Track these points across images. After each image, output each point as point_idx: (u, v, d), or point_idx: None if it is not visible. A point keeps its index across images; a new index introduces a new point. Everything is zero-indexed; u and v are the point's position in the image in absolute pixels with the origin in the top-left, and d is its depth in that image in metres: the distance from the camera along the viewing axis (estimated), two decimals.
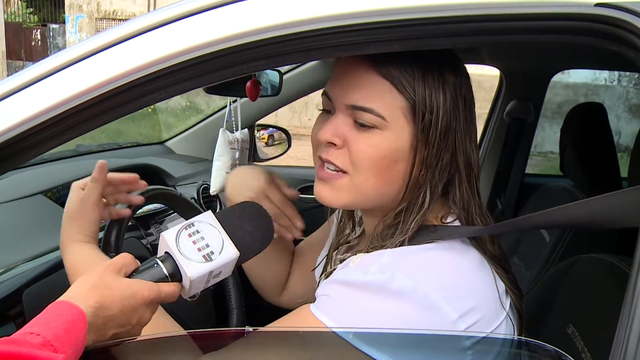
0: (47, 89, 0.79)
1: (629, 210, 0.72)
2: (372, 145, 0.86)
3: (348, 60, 0.89)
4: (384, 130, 0.86)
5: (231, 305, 1.36)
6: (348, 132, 0.88)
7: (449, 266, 0.84)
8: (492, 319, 0.85)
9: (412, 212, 0.88)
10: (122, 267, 0.80)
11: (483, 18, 0.75)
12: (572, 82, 9.27)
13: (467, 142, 0.90)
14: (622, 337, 0.65)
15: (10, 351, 0.61)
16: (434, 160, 0.87)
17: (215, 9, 0.79)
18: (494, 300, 0.86)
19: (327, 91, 0.92)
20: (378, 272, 0.81)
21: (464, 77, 0.90)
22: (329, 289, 0.85)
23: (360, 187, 0.89)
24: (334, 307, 0.82)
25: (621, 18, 0.70)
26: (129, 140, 6.10)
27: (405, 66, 0.85)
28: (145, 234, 1.57)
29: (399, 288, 0.79)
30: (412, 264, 0.83)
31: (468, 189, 0.90)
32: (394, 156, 0.87)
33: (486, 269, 0.87)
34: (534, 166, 6.29)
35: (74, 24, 16.24)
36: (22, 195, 1.46)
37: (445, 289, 0.81)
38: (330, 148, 0.89)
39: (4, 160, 0.81)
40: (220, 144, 1.70)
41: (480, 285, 0.85)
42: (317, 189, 0.93)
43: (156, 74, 0.78)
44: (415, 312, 0.79)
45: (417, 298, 0.79)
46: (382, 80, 0.86)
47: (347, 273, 0.85)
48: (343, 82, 0.89)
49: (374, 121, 0.86)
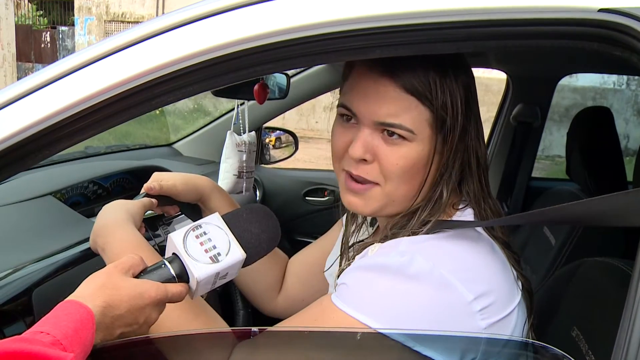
0: (58, 92, 0.80)
1: (631, 210, 0.73)
2: (403, 157, 0.90)
3: (365, 72, 0.91)
4: (412, 142, 0.90)
5: (237, 307, 1.36)
6: (377, 146, 0.91)
7: (465, 251, 0.88)
8: (507, 302, 0.88)
9: (428, 206, 0.93)
10: (130, 267, 0.81)
11: (487, 23, 0.76)
12: (580, 86, 9.24)
13: (477, 138, 0.94)
14: (623, 339, 0.66)
15: (23, 349, 0.62)
16: (451, 160, 0.92)
17: (223, 14, 0.80)
18: (508, 284, 0.90)
19: (348, 105, 0.93)
20: (397, 256, 0.85)
21: (471, 78, 0.94)
22: (348, 276, 0.88)
23: (390, 195, 0.93)
24: (353, 293, 0.85)
25: (624, 23, 0.71)
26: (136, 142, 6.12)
27: (424, 76, 0.88)
28: (153, 235, 1.58)
29: (417, 270, 0.83)
30: (430, 248, 0.87)
31: (479, 182, 0.95)
32: (421, 162, 0.91)
33: (498, 254, 0.91)
34: (541, 170, 6.28)
35: (83, 26, 16.31)
36: (32, 196, 1.47)
37: (461, 271, 0.85)
38: (360, 164, 0.92)
39: (15, 162, 0.82)
40: (227, 147, 1.70)
41: (494, 269, 0.89)
42: (348, 199, 0.96)
43: (165, 77, 0.79)
44: (432, 292, 0.83)
45: (434, 279, 0.83)
46: (408, 97, 0.89)
47: (366, 260, 0.89)
48: (367, 97, 0.90)
49: (403, 134, 0.89)
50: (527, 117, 2.43)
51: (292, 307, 1.15)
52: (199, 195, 1.26)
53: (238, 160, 1.71)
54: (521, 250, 2.10)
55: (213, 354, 0.90)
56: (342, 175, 0.96)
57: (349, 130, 0.93)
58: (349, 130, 0.93)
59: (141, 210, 1.12)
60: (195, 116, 9.92)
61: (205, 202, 1.26)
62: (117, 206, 1.10)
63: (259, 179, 2.27)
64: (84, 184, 1.67)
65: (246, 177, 1.74)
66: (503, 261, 0.91)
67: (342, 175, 0.96)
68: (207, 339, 0.91)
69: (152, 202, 1.18)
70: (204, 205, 1.27)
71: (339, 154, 0.96)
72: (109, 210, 1.09)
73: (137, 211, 1.11)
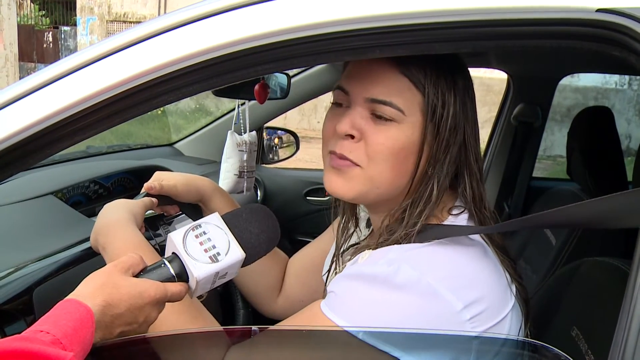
0: (60, 91, 0.80)
1: (630, 211, 0.73)
2: (390, 137, 0.88)
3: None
4: (401, 124, 0.88)
5: (237, 306, 1.37)
6: (366, 124, 0.89)
7: (455, 258, 0.86)
8: (499, 309, 0.87)
9: (419, 205, 0.91)
10: (130, 266, 0.81)
11: (485, 23, 0.76)
12: (582, 86, 9.23)
13: (474, 140, 0.94)
14: (621, 337, 0.66)
15: (23, 348, 0.63)
16: (442, 154, 0.90)
17: (224, 13, 0.80)
18: (501, 291, 0.88)
19: (342, 85, 0.93)
20: (385, 265, 0.84)
21: (469, 82, 0.94)
22: (337, 285, 0.87)
23: (373, 179, 0.90)
24: (340, 302, 0.84)
25: (622, 23, 0.71)
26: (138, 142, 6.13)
27: (423, 66, 0.88)
28: (153, 235, 1.58)
29: (404, 280, 0.82)
30: (418, 256, 0.85)
31: (477, 184, 0.94)
32: (410, 149, 0.89)
33: (492, 260, 0.90)
34: (543, 170, 6.27)
35: (85, 26, 16.33)
36: (33, 196, 1.47)
37: (450, 279, 0.83)
38: (345, 141, 0.90)
39: (16, 161, 0.82)
40: (228, 146, 1.71)
41: (486, 276, 0.87)
42: (328, 179, 0.93)
43: (166, 77, 0.80)
44: (419, 301, 0.81)
45: (422, 288, 0.81)
46: (403, 78, 0.88)
47: (355, 268, 0.88)
48: (362, 77, 0.90)
49: (392, 114, 0.88)
50: (528, 117, 2.43)
51: (292, 308, 1.15)
52: (199, 196, 1.26)
53: (239, 160, 1.71)
54: (522, 250, 2.10)
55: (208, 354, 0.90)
56: (327, 158, 0.94)
57: (339, 114, 0.92)
58: (339, 113, 0.92)
59: (142, 209, 1.12)
60: (196, 116, 9.92)
61: (206, 202, 1.27)
62: (119, 205, 1.10)
63: (260, 178, 2.27)
64: (85, 183, 1.67)
65: (247, 177, 1.74)
66: (496, 266, 0.90)
67: (327, 158, 0.94)
68: (203, 339, 0.92)
69: (152, 202, 1.18)
70: (204, 206, 1.27)
71: (327, 136, 0.94)
72: (110, 209, 1.09)
73: (138, 211, 1.11)
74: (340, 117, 0.91)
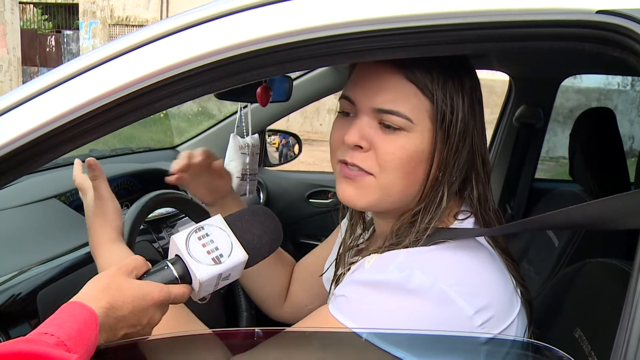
0: (62, 95, 0.80)
1: (632, 212, 0.73)
2: (400, 147, 0.87)
3: (368, 63, 0.90)
4: (410, 132, 0.88)
5: (241, 308, 1.37)
6: (374, 134, 0.88)
7: (465, 263, 0.86)
8: (507, 315, 0.86)
9: (430, 210, 0.90)
10: (134, 269, 0.82)
11: (486, 25, 0.76)
12: (585, 87, 9.21)
13: (482, 143, 0.93)
14: (622, 338, 0.66)
15: (27, 350, 0.63)
16: (452, 160, 0.89)
17: (226, 17, 0.80)
18: (508, 295, 0.88)
19: (348, 95, 0.92)
20: (396, 271, 0.83)
21: (476, 82, 0.93)
22: (346, 289, 0.86)
23: (386, 188, 0.90)
24: (352, 308, 0.84)
25: (622, 25, 0.71)
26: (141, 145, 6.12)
27: (429, 70, 0.87)
28: (157, 238, 1.59)
29: (417, 285, 0.81)
30: (429, 261, 0.84)
31: (483, 187, 0.93)
32: (420, 157, 0.88)
33: (498, 265, 0.89)
34: (545, 171, 6.26)
35: (87, 30, 16.39)
36: (37, 199, 1.48)
37: (461, 285, 0.83)
38: (356, 151, 0.90)
39: (20, 165, 0.82)
40: (230, 149, 1.71)
41: (494, 282, 0.87)
42: (342, 189, 0.93)
43: (168, 80, 0.80)
44: (433, 308, 0.81)
45: (435, 294, 0.81)
46: (409, 84, 0.87)
47: (364, 273, 0.87)
48: (367, 85, 0.89)
49: (400, 123, 0.87)
50: (530, 119, 2.43)
51: (298, 313, 1.14)
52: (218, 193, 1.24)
53: (241, 162, 1.72)
54: (524, 251, 2.10)
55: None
56: (337, 167, 0.93)
57: (347, 123, 0.91)
58: (346, 123, 0.91)
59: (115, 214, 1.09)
60: (199, 119, 9.93)
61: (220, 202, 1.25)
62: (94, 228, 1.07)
63: (263, 181, 2.27)
64: None
65: (249, 180, 1.75)
66: (503, 271, 0.89)
67: (338, 167, 0.93)
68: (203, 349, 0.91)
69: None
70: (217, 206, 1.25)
71: (335, 145, 0.93)
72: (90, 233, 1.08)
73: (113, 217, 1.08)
74: (348, 127, 0.90)
